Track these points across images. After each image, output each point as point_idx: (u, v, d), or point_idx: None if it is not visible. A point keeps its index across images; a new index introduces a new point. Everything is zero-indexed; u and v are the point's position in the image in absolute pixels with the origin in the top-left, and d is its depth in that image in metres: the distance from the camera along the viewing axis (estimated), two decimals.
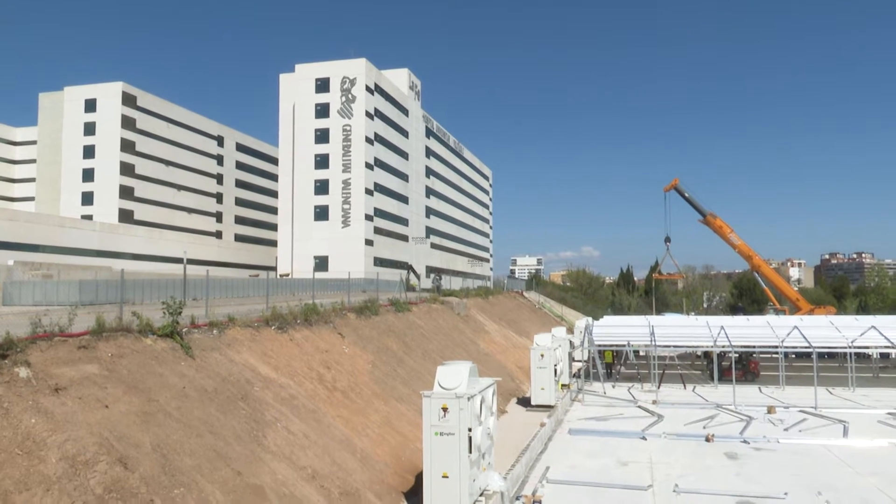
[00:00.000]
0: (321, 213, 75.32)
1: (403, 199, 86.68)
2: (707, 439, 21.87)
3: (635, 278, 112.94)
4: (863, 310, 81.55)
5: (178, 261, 46.17)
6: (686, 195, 58.95)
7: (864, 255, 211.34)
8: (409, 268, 74.15)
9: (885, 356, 41.81)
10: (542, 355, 26.92)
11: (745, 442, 21.66)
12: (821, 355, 34.87)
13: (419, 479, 14.21)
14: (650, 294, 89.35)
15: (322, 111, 75.94)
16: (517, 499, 15.46)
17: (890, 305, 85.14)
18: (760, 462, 19.12)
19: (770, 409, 27.29)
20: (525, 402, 27.94)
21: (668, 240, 61.33)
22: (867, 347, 36.04)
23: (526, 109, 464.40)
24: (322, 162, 75.59)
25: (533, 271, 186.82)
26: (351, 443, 15.92)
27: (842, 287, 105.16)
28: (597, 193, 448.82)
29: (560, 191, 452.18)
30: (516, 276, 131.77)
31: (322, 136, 75.79)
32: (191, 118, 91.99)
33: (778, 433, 22.89)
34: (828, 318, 42.15)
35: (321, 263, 71.01)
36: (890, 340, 32.18)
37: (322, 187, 75.43)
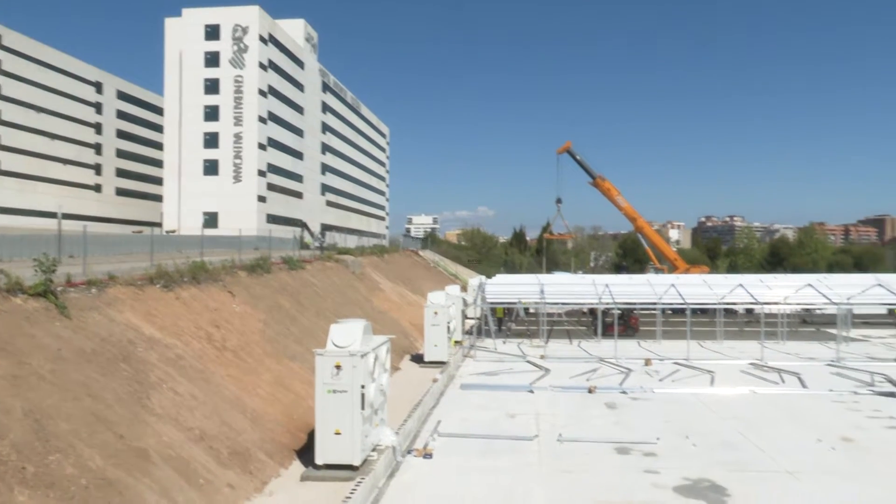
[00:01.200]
0: (211, 168, 72.34)
1: (298, 155, 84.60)
2: (590, 391, 23.09)
3: (528, 238, 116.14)
4: (732, 269, 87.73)
5: (52, 215, 43.26)
6: (577, 158, 60.83)
7: (735, 218, 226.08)
8: (303, 225, 72.83)
9: (749, 311, 45.30)
10: (435, 313, 27.36)
11: (623, 392, 23.04)
12: (694, 311, 37.35)
13: (312, 436, 14.25)
14: (541, 253, 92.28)
15: (212, 60, 72.33)
16: (409, 452, 15.83)
17: (756, 265, 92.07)
18: (637, 411, 20.43)
19: (647, 362, 29.10)
20: (419, 358, 28.42)
21: (559, 201, 63.33)
22: (734, 304, 38.92)
23: (425, 65, 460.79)
24: (212, 114, 72.29)
25: (428, 230, 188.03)
26: (241, 402, 15.71)
27: (715, 248, 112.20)
28: (492, 153, 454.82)
29: (457, 149, 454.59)
30: (412, 234, 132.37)
31: (212, 87, 72.32)
32: (66, 62, 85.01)
33: (653, 384, 24.47)
34: (701, 277, 45.21)
35: (210, 220, 68.50)
36: (754, 297, 34.86)
37: (212, 140, 72.29)
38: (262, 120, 73.18)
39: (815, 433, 17.68)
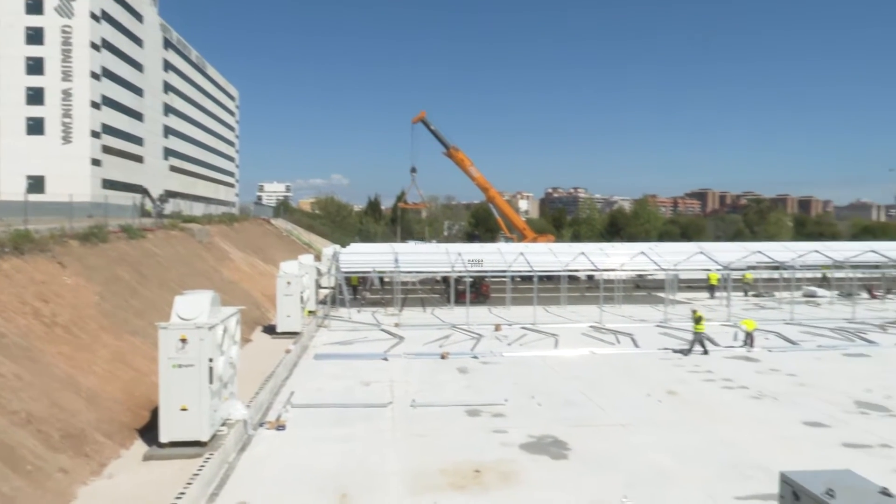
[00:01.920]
0: (35, 127, 65.57)
1: (138, 116, 78.77)
2: (442, 357, 23.69)
3: (382, 207, 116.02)
4: (576, 238, 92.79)
5: None
6: (432, 128, 61.32)
7: (579, 190, 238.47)
8: (144, 192, 68.22)
9: (590, 277, 48.21)
10: (288, 283, 26.78)
11: (475, 357, 23.85)
12: (541, 278, 39.20)
13: (156, 414, 13.56)
14: (396, 223, 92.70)
15: (35, 6, 65.11)
16: (261, 425, 15.51)
17: (597, 234, 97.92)
18: (487, 374, 21.25)
19: (497, 327, 30.28)
20: (271, 329, 27.76)
21: (414, 170, 63.71)
22: (577, 270, 41.23)
23: (276, 26, 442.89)
24: (36, 67, 65.29)
25: (281, 198, 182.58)
26: (75, 381, 14.60)
27: (560, 218, 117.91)
28: (347, 120, 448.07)
29: (311, 116, 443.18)
30: (263, 202, 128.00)
31: (35, 37, 65.21)
32: None
33: (503, 348, 25.53)
34: (548, 246, 47.41)
35: (36, 184, 62.29)
36: (594, 264, 37.14)
37: (36, 96, 65.43)
38: (94, 76, 67.14)
39: (646, 388, 19.29)
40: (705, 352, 24.32)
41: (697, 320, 24.27)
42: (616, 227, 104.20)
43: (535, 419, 16.19)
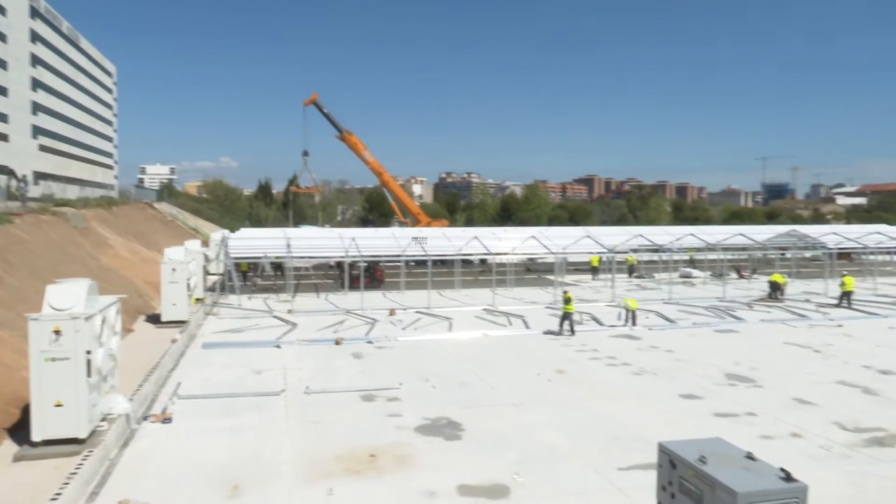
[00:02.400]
0: None
1: (1, 91, 72.69)
2: (336, 342, 23.49)
3: (274, 191, 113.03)
4: (469, 222, 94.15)
5: None
6: (325, 111, 60.22)
7: (472, 175, 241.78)
8: (10, 173, 63.11)
9: (483, 261, 49.16)
10: (173, 269, 25.65)
11: (369, 342, 23.80)
12: (435, 262, 39.51)
13: (27, 411, 12.68)
14: (288, 207, 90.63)
15: None
16: (145, 418, 14.84)
17: (490, 219, 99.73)
18: (382, 359, 21.27)
19: (391, 312, 30.32)
20: (156, 318, 26.53)
21: (306, 154, 62.40)
22: (470, 255, 41.87)
23: None
24: None
25: (165, 181, 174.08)
26: None
27: (454, 202, 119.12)
28: (236, 100, 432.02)
29: (196, 95, 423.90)
30: (146, 186, 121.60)
31: None
32: None
33: (397, 332, 25.61)
34: (441, 230, 47.85)
35: None
36: (487, 248, 37.85)
37: None
38: None
39: (536, 368, 19.93)
40: (572, 332, 25.01)
41: (567, 301, 25.05)
42: (508, 212, 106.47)
43: (430, 402, 16.38)
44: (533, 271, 50.30)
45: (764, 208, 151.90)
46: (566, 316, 24.97)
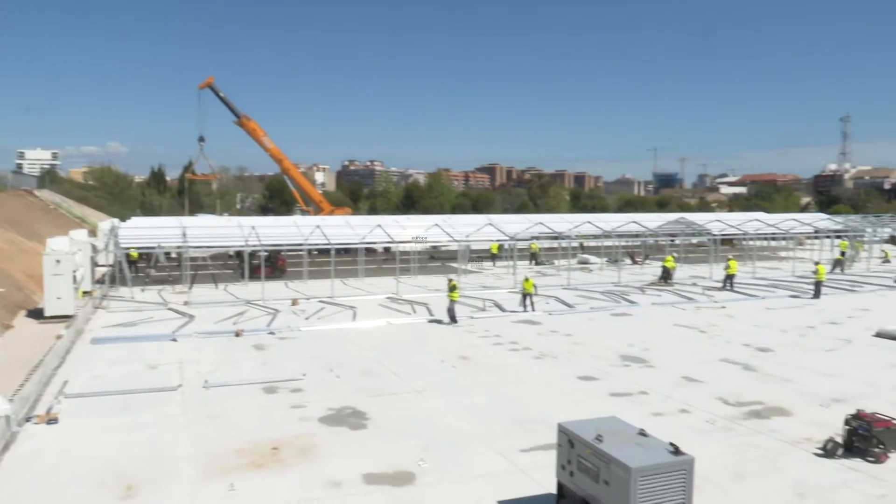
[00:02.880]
0: None
1: None
2: (237, 334, 22.87)
3: (167, 178, 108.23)
4: (373, 211, 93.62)
5: None
6: (221, 95, 58.18)
7: (375, 163, 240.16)
8: None
9: (387, 249, 49.04)
10: (57, 261, 24.16)
11: (271, 333, 23.31)
12: (338, 251, 39.10)
13: None
14: (183, 195, 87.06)
15: None
16: (28, 420, 13.96)
17: (393, 207, 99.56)
18: (284, 350, 20.89)
19: (294, 302, 29.81)
20: (38, 313, 24.94)
21: (202, 139, 60.10)
22: (374, 243, 41.74)
23: None
24: None
25: (47, 167, 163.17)
26: None
27: (357, 191, 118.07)
28: (124, 81, 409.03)
29: (80, 74, 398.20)
30: (24, 171, 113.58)
31: None
32: None
33: (300, 322, 25.21)
34: (345, 219, 47.41)
35: None
36: (391, 237, 37.83)
37: None
38: None
39: (440, 355, 20.14)
40: (452, 320, 25.10)
41: (451, 289, 25.22)
42: (411, 200, 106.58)
43: (334, 392, 16.25)
44: (437, 259, 50.67)
45: (655, 197, 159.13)
46: (451, 304, 25.11)
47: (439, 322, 25.42)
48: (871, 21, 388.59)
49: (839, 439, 12.32)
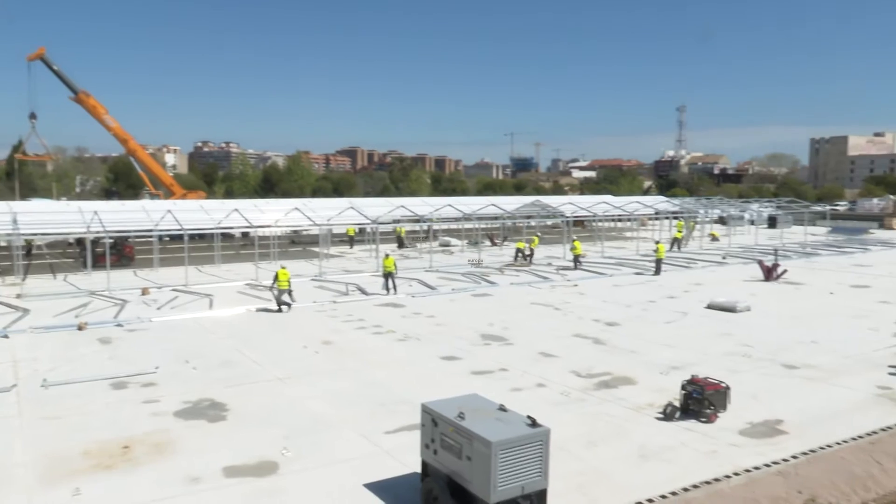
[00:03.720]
0: None
1: None
2: (79, 328, 21.27)
3: None
4: (229, 194, 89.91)
5: None
6: (55, 68, 53.46)
7: (231, 144, 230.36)
8: None
9: (245, 234, 47.43)
10: None
11: (119, 325, 21.88)
12: (192, 236, 37.26)
13: None
14: (13, 177, 79.23)
15: None
16: None
17: (251, 190, 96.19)
18: (134, 342, 19.68)
19: (144, 291, 28.13)
20: None
21: (33, 116, 55.01)
22: (231, 228, 40.23)
23: None
24: None
25: None
26: None
27: (212, 173, 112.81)
28: None
29: None
30: None
31: None
32: None
33: (151, 313, 23.84)
34: (199, 203, 45.20)
35: None
36: (249, 221, 36.59)
37: None
38: None
39: (303, 341, 19.81)
40: (279, 309, 24.30)
41: (275, 278, 24.40)
42: (270, 184, 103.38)
43: (191, 384, 15.55)
44: (298, 244, 49.63)
45: (513, 180, 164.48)
46: (279, 292, 24.29)
47: (274, 311, 24.95)
48: (706, 20, 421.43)
49: (677, 403, 13.43)
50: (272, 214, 39.76)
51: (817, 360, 17.60)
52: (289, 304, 24.49)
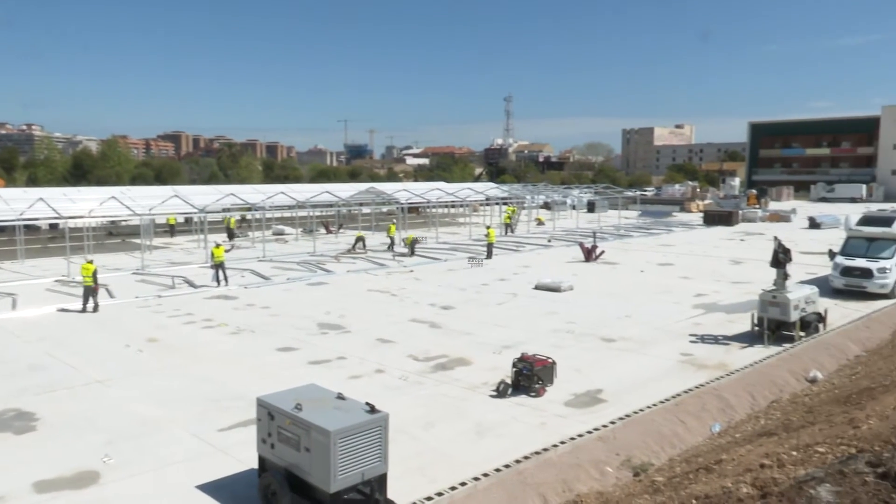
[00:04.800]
0: None
1: None
2: None
3: None
4: (33, 182, 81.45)
5: None
6: None
7: (34, 127, 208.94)
8: None
9: (53, 226, 43.27)
10: None
11: None
12: None
13: None
14: None
15: None
16: None
17: (59, 178, 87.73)
18: None
19: None
20: None
21: None
22: (36, 219, 36.53)
23: None
24: None
25: None
26: None
27: (12, 159, 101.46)
28: None
29: None
30: None
31: None
32: None
33: None
34: None
35: None
36: (58, 212, 33.39)
37: None
38: None
39: (125, 339, 18.47)
40: (83, 309, 22.22)
41: (87, 273, 22.32)
42: (82, 170, 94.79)
43: None
44: (116, 235, 46.08)
45: (347, 167, 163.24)
46: (88, 289, 22.11)
47: (78, 311, 23.22)
48: (529, 12, 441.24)
49: (509, 380, 14.11)
50: (85, 204, 36.47)
51: (631, 332, 19.23)
52: (95, 305, 22.30)
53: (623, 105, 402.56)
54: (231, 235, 45.53)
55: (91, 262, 22.92)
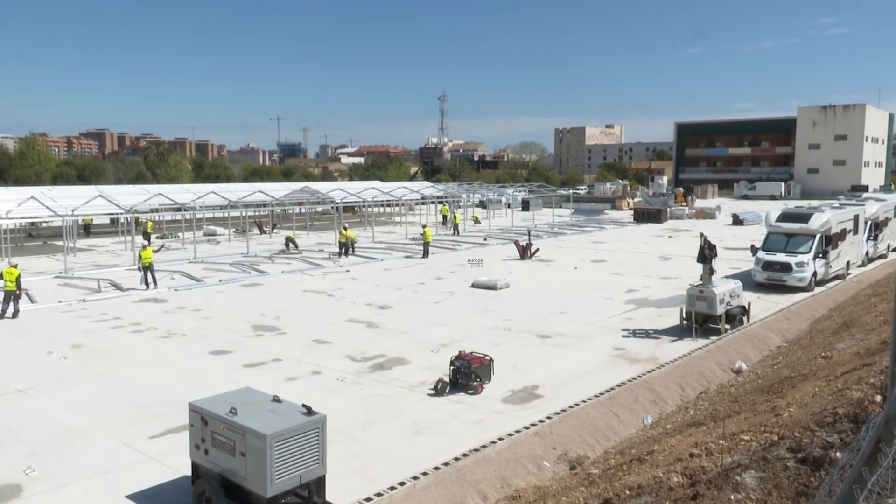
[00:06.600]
0: None
1: None
2: None
3: None
4: None
5: None
6: None
7: None
8: None
9: None
10: None
11: None
12: None
13: None
14: None
15: None
16: None
17: None
18: None
19: None
20: None
21: None
22: None
23: None
24: None
25: None
26: None
27: None
28: None
29: None
30: None
31: None
32: None
33: None
34: None
35: None
36: None
37: None
38: None
39: (47, 346, 17.68)
40: (2, 315, 21.21)
41: (10, 277, 21.28)
42: None
43: None
44: (36, 237, 44.04)
45: (281, 166, 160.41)
46: (9, 294, 21.25)
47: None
48: (462, 13, 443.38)
49: (447, 379, 14.17)
50: (2, 205, 34.73)
51: (566, 328, 19.59)
52: (15, 311, 21.26)
53: (556, 105, 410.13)
54: (148, 239, 43.96)
55: (15, 266, 21.87)
